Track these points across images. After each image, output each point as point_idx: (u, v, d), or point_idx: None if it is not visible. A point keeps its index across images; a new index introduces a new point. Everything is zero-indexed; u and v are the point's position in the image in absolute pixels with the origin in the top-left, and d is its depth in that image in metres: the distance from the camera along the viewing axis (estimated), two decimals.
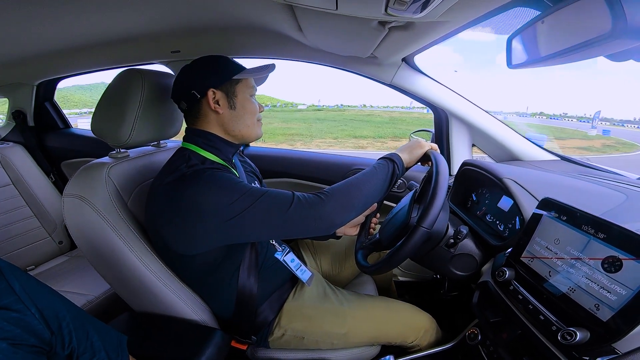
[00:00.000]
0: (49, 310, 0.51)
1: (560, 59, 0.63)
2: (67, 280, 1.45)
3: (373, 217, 1.13)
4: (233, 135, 0.90)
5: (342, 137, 18.27)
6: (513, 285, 0.73)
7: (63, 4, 0.83)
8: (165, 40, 1.28)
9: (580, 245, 0.62)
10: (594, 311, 0.56)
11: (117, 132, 0.90)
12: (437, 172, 0.78)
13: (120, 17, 1.00)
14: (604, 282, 0.56)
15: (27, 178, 1.71)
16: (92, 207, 0.82)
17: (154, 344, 0.82)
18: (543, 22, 0.62)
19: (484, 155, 1.42)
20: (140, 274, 0.85)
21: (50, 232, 1.72)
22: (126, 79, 0.91)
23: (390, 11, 0.65)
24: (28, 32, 1.02)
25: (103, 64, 1.58)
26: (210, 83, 0.84)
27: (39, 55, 1.32)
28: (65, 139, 1.96)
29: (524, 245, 0.73)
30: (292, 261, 1.03)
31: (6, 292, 0.47)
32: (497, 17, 0.83)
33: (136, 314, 0.93)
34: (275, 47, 1.38)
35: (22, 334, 0.46)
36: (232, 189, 0.75)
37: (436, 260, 0.89)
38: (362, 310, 0.99)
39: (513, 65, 0.74)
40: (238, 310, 0.92)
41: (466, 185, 1.19)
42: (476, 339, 0.82)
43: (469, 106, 1.35)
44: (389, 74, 1.34)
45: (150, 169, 0.99)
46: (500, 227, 0.98)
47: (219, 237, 0.77)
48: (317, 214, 0.77)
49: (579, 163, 1.21)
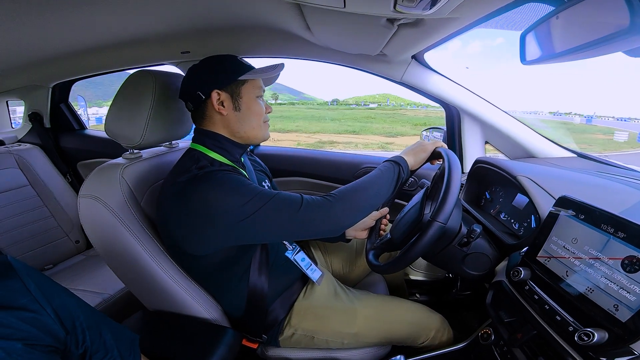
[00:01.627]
0: (64, 310, 0.52)
1: (576, 55, 0.61)
2: (84, 279, 1.48)
3: (383, 219, 1.13)
4: (239, 136, 0.89)
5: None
6: (529, 285, 0.71)
7: (77, 7, 0.85)
8: (175, 41, 1.29)
9: (599, 245, 0.60)
10: (613, 312, 0.55)
11: (130, 133, 0.91)
12: (449, 167, 0.77)
13: (131, 19, 1.02)
14: (624, 282, 0.54)
15: (44, 179, 1.75)
16: (107, 206, 0.83)
17: (167, 342, 0.84)
18: (558, 17, 0.61)
19: (497, 153, 1.40)
20: (153, 272, 0.86)
21: (67, 232, 1.77)
22: (138, 81, 0.92)
23: (399, 8, 0.64)
24: (43, 35, 1.04)
25: (115, 66, 1.61)
26: (214, 84, 0.84)
27: (54, 57, 1.35)
28: (81, 140, 2.00)
29: (540, 245, 0.72)
30: (303, 260, 1.03)
31: (22, 292, 0.48)
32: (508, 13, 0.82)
33: (149, 313, 0.95)
34: (284, 46, 1.38)
35: (38, 333, 0.46)
36: (242, 190, 0.75)
37: (449, 259, 0.87)
38: (372, 310, 0.99)
39: (527, 61, 0.73)
40: (249, 309, 0.93)
41: (479, 184, 1.17)
42: (489, 339, 0.81)
43: (481, 103, 1.33)
44: (398, 71, 1.33)
45: (162, 169, 1.01)
46: (515, 226, 0.96)
47: (229, 239, 0.78)
48: (325, 216, 0.78)
49: (597, 160, 1.18)
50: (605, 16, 0.50)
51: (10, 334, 0.43)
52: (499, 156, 1.39)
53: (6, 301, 0.45)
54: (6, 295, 0.46)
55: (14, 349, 0.42)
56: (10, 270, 0.49)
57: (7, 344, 0.42)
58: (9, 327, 0.43)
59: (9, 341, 0.42)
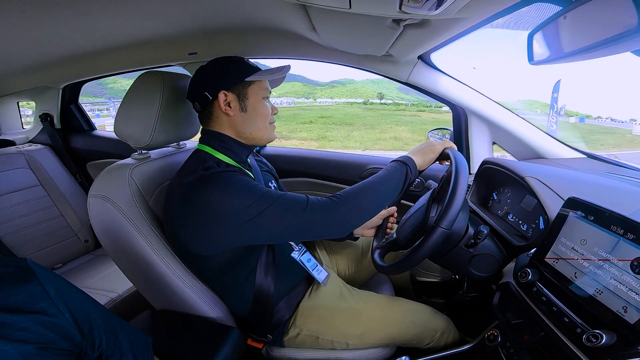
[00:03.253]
0: (81, 313, 0.52)
1: (585, 55, 0.60)
2: (92, 278, 1.50)
3: (390, 218, 1.12)
4: (244, 137, 0.90)
5: None
6: (537, 287, 0.70)
7: (86, 10, 0.86)
8: (182, 42, 1.30)
9: (609, 246, 0.59)
10: (622, 313, 0.54)
11: (139, 134, 0.92)
12: (456, 171, 0.77)
13: (139, 21, 1.03)
14: (633, 284, 0.54)
15: (55, 179, 1.78)
16: (116, 206, 0.84)
17: (174, 341, 0.84)
18: (565, 17, 0.60)
19: (505, 154, 1.38)
20: (160, 272, 0.87)
21: (76, 231, 1.79)
22: (146, 82, 0.93)
23: (405, 9, 0.64)
24: (53, 37, 1.06)
25: (123, 67, 1.63)
26: (221, 85, 0.85)
27: (64, 59, 1.37)
28: (90, 140, 2.03)
29: (549, 246, 0.71)
30: (309, 261, 1.03)
31: (41, 296, 0.48)
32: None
33: (156, 312, 0.96)
34: (289, 47, 1.38)
35: (56, 338, 0.46)
36: (248, 192, 0.76)
37: (455, 261, 0.87)
38: (378, 311, 0.99)
39: (535, 61, 0.72)
40: (254, 309, 0.93)
41: (487, 185, 1.16)
42: (496, 340, 0.80)
43: (489, 103, 1.32)
44: (404, 72, 1.33)
45: (170, 170, 1.02)
46: (523, 227, 0.95)
47: (235, 239, 0.78)
48: (331, 217, 0.78)
49: (607, 161, 1.16)
50: (613, 16, 0.49)
51: (28, 337, 0.43)
52: (507, 157, 1.38)
53: (25, 305, 0.46)
54: (26, 299, 0.46)
55: (28, 352, 0.42)
56: (30, 274, 0.49)
57: (23, 347, 0.42)
58: (26, 331, 0.43)
59: (25, 344, 0.43)
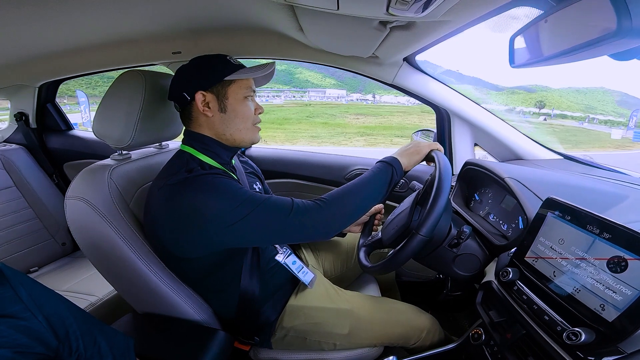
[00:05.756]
0: (56, 317, 0.51)
1: (564, 59, 0.62)
2: (71, 281, 1.45)
3: (377, 215, 1.13)
4: (225, 139, 0.87)
5: None
6: (517, 286, 0.72)
7: (63, 5, 0.83)
8: (166, 41, 1.28)
9: (585, 245, 0.61)
10: (600, 311, 0.56)
11: (119, 134, 0.90)
12: (439, 178, 0.77)
13: (121, 18, 1.00)
14: (610, 282, 0.56)
15: (30, 180, 1.71)
16: (95, 209, 0.82)
17: (157, 345, 0.82)
18: (546, 21, 0.62)
19: (486, 155, 1.42)
20: (142, 275, 0.85)
21: (53, 234, 1.73)
22: (128, 81, 0.90)
23: (391, 11, 0.65)
24: (29, 34, 1.02)
25: (104, 66, 1.58)
26: (199, 85, 0.82)
27: (40, 56, 1.32)
28: (68, 140, 1.96)
29: (528, 246, 0.73)
30: (294, 263, 1.02)
31: (13, 300, 0.47)
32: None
33: (139, 315, 0.93)
34: (276, 47, 1.37)
35: (29, 342, 0.45)
36: (232, 195, 0.75)
37: (439, 261, 0.88)
38: (364, 312, 0.99)
39: (515, 65, 0.74)
40: (240, 311, 0.92)
41: (469, 185, 1.19)
42: (480, 339, 0.82)
43: (471, 105, 1.34)
44: (390, 73, 1.34)
45: (152, 171, 0.99)
46: (503, 227, 0.97)
47: (218, 243, 0.77)
48: (316, 221, 0.77)
49: (583, 162, 1.20)
50: (592, 20, 0.51)
51: (2, 342, 0.42)
52: (488, 158, 1.41)
53: None
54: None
55: (3, 356, 0.41)
56: (1, 278, 0.48)
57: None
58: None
59: (0, 349, 0.41)
